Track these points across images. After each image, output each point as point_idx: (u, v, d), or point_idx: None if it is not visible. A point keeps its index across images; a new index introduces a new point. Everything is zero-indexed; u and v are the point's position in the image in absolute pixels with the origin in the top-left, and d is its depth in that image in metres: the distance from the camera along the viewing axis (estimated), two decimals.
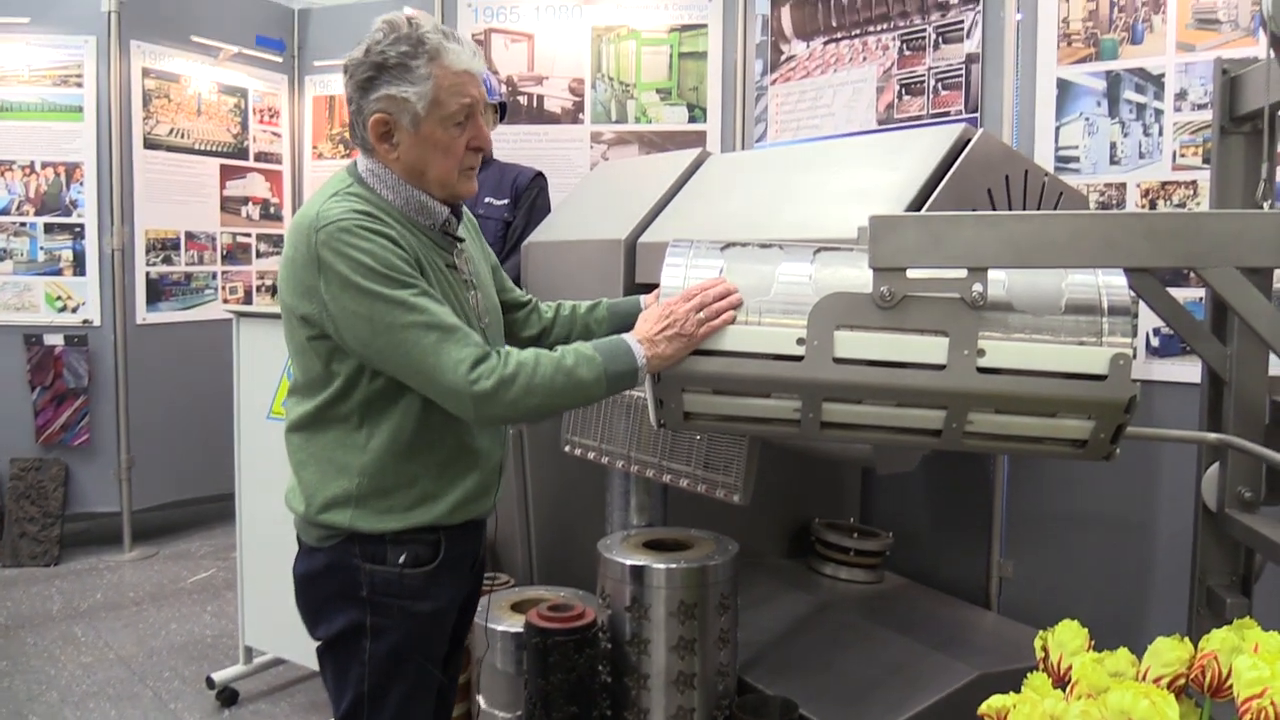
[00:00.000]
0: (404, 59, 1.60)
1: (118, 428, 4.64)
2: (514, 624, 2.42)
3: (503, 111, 3.79)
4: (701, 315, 1.61)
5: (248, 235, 5.19)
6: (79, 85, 4.58)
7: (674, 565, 2.24)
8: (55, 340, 4.55)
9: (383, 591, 1.63)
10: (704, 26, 4.16)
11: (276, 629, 2.96)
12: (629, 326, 1.72)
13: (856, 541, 2.90)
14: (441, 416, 1.62)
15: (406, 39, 1.60)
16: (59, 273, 4.60)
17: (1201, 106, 2.71)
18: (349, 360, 1.60)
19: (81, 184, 4.59)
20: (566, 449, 2.65)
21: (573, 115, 4.31)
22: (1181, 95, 2.77)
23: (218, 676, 3.13)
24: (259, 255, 5.23)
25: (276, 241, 5.29)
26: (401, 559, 1.64)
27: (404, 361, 1.54)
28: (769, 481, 2.33)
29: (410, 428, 1.63)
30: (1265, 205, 1.95)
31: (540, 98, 4.32)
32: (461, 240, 1.76)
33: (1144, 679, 1.40)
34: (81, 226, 4.60)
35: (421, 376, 1.54)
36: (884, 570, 2.93)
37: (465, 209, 1.83)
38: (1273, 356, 1.92)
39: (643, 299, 1.97)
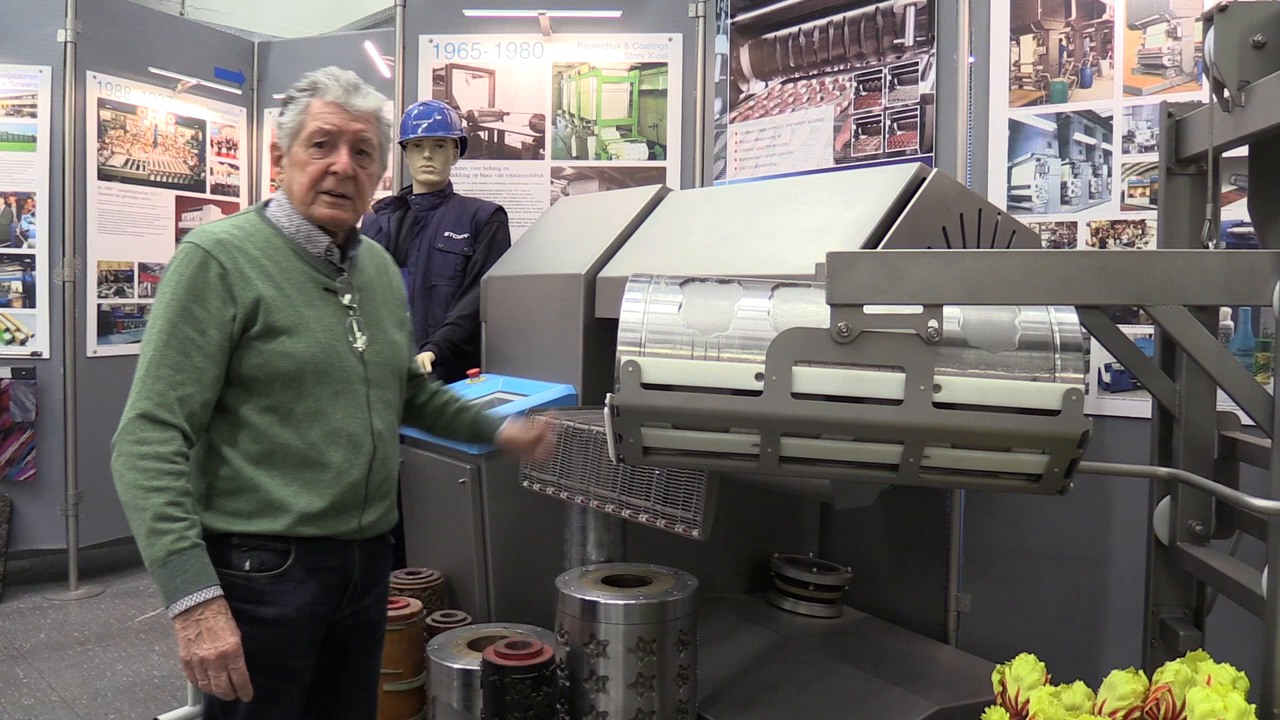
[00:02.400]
0: (294, 94, 1.81)
1: (65, 462, 4.53)
2: (470, 661, 2.39)
3: (463, 146, 3.80)
4: (221, 679, 1.62)
5: None
6: (33, 115, 4.51)
7: (633, 601, 2.22)
8: (3, 373, 4.46)
9: (229, 595, 1.65)
10: (664, 65, 4.21)
11: None
12: (484, 438, 2.07)
13: (815, 576, 2.90)
14: (287, 431, 1.72)
15: (308, 79, 1.81)
16: (8, 304, 4.51)
17: (1148, 148, 2.78)
18: None
19: (33, 215, 4.52)
20: (525, 484, 2.63)
21: (533, 150, 4.32)
22: (1129, 137, 2.84)
23: (164, 719, 3.05)
24: None
25: None
26: (247, 564, 1.70)
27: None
28: (728, 516, 2.33)
29: (255, 435, 1.72)
30: (1211, 245, 2.00)
31: (501, 133, 4.33)
32: (343, 270, 1.84)
33: (1100, 712, 1.41)
34: (32, 258, 4.52)
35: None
36: (843, 605, 2.94)
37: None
38: (1220, 392, 1.96)
39: (506, 424, 2.09)
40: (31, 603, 4.38)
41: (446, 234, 3.58)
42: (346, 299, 1.83)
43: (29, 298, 4.52)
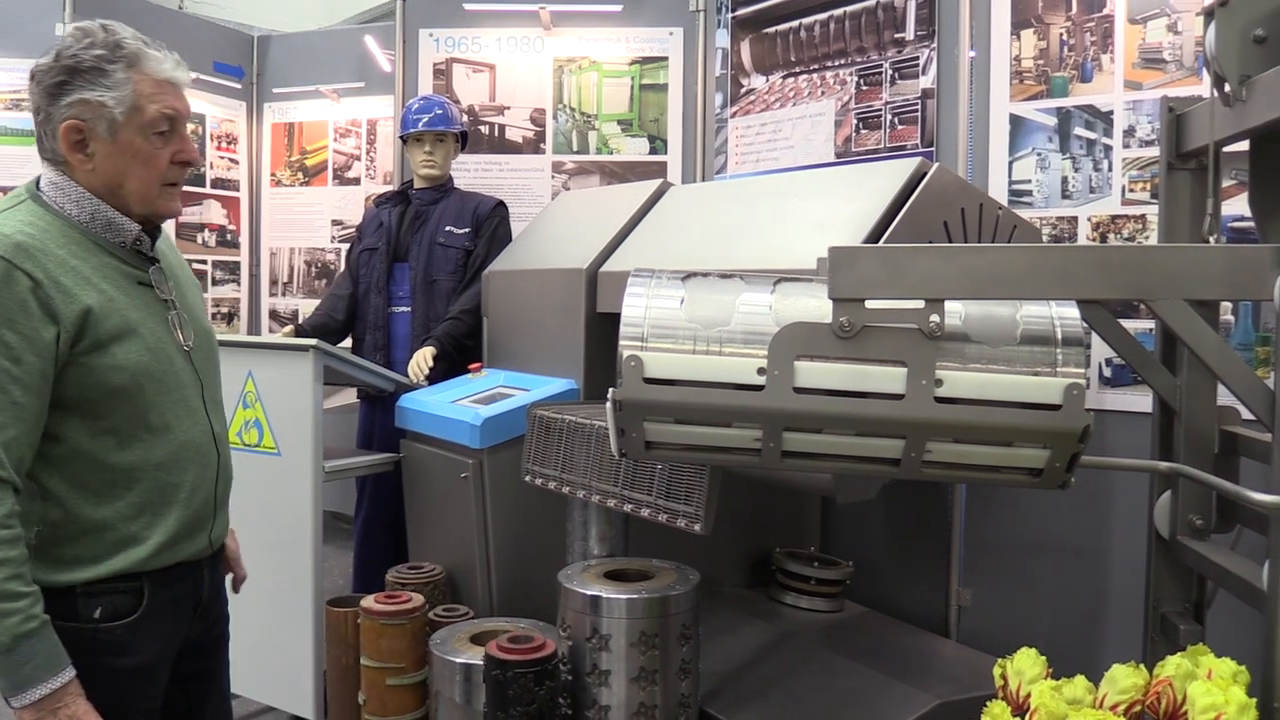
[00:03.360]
0: (99, 62, 1.50)
1: None
2: (473, 656, 2.40)
3: (464, 141, 3.79)
4: None
5: (204, 262, 5.13)
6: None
7: (635, 595, 2.23)
8: None
9: (76, 650, 1.44)
10: (665, 59, 4.20)
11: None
12: None
13: (817, 570, 2.91)
14: (131, 453, 1.51)
15: (102, 44, 1.51)
16: None
17: (1149, 143, 2.78)
18: None
19: None
20: (526, 479, 2.64)
21: (534, 145, 4.32)
22: (1130, 132, 2.83)
23: None
24: (215, 283, 5.17)
25: (233, 269, 5.23)
26: (97, 612, 1.49)
27: None
28: (730, 511, 2.34)
29: (93, 466, 1.49)
30: (1211, 239, 2.00)
31: (502, 127, 4.33)
32: (155, 261, 1.62)
33: (1101, 706, 1.41)
34: None
35: None
36: (844, 599, 2.94)
37: (164, 229, 1.71)
38: (1221, 386, 1.96)
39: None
40: None
41: (447, 229, 3.57)
42: (162, 292, 1.61)
43: None
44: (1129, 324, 2.53)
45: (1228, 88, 1.80)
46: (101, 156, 1.52)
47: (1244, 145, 1.98)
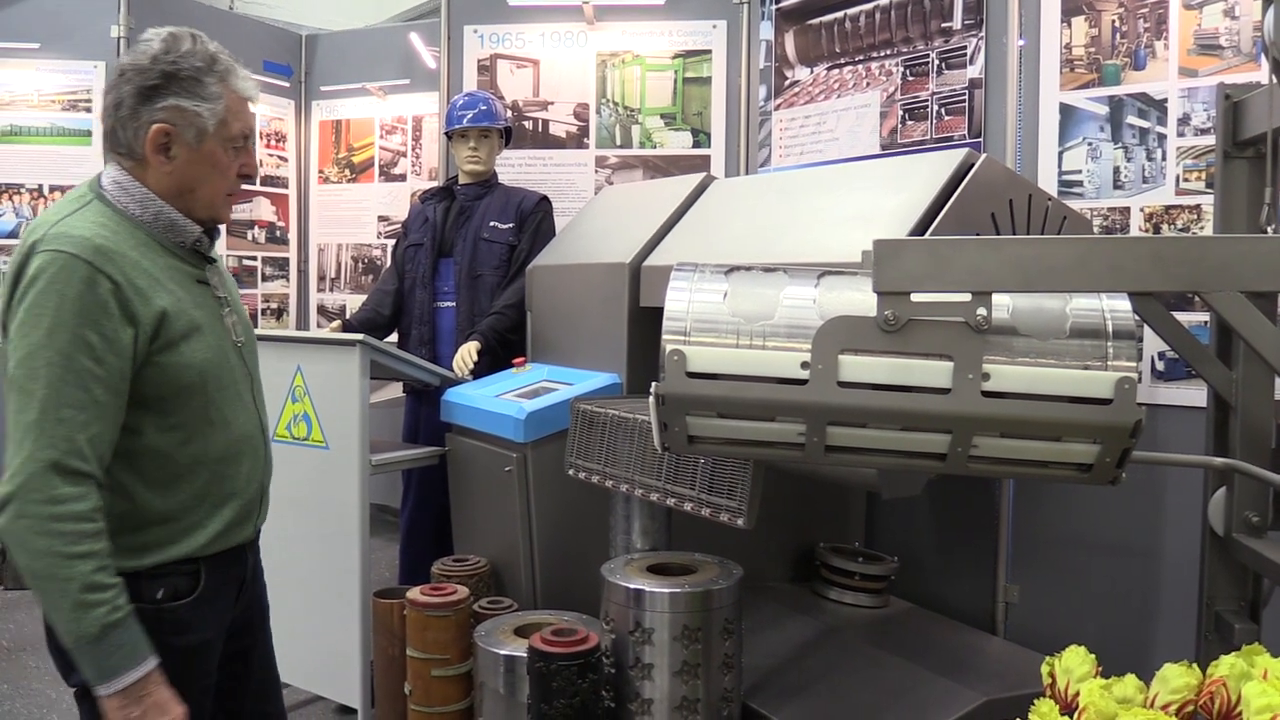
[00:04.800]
0: (198, 74, 1.56)
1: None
2: (517, 648, 2.41)
3: (508, 136, 3.81)
4: None
5: (254, 259, 5.21)
6: (88, 110, 4.62)
7: (678, 589, 2.23)
8: None
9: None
10: (708, 52, 4.19)
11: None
12: None
13: (861, 566, 2.89)
14: (194, 447, 1.57)
15: (200, 54, 1.57)
16: None
17: (1204, 131, 2.72)
18: None
19: None
20: (570, 472, 2.65)
21: (577, 140, 4.33)
22: (1184, 120, 2.78)
23: None
24: (264, 279, 5.25)
25: (282, 265, 5.31)
26: (159, 594, 1.55)
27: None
28: (773, 505, 2.33)
29: (159, 462, 1.55)
30: (1269, 229, 1.95)
31: (545, 123, 4.34)
32: (214, 260, 1.70)
33: (1152, 706, 1.39)
34: None
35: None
36: (889, 595, 2.92)
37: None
38: (1278, 380, 1.92)
39: None
40: None
41: (492, 224, 3.59)
42: (219, 291, 1.68)
43: None
44: (1183, 317, 2.48)
45: None
46: (182, 161, 1.58)
47: None
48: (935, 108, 3.38)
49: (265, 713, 1.86)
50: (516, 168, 4.24)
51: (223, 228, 1.81)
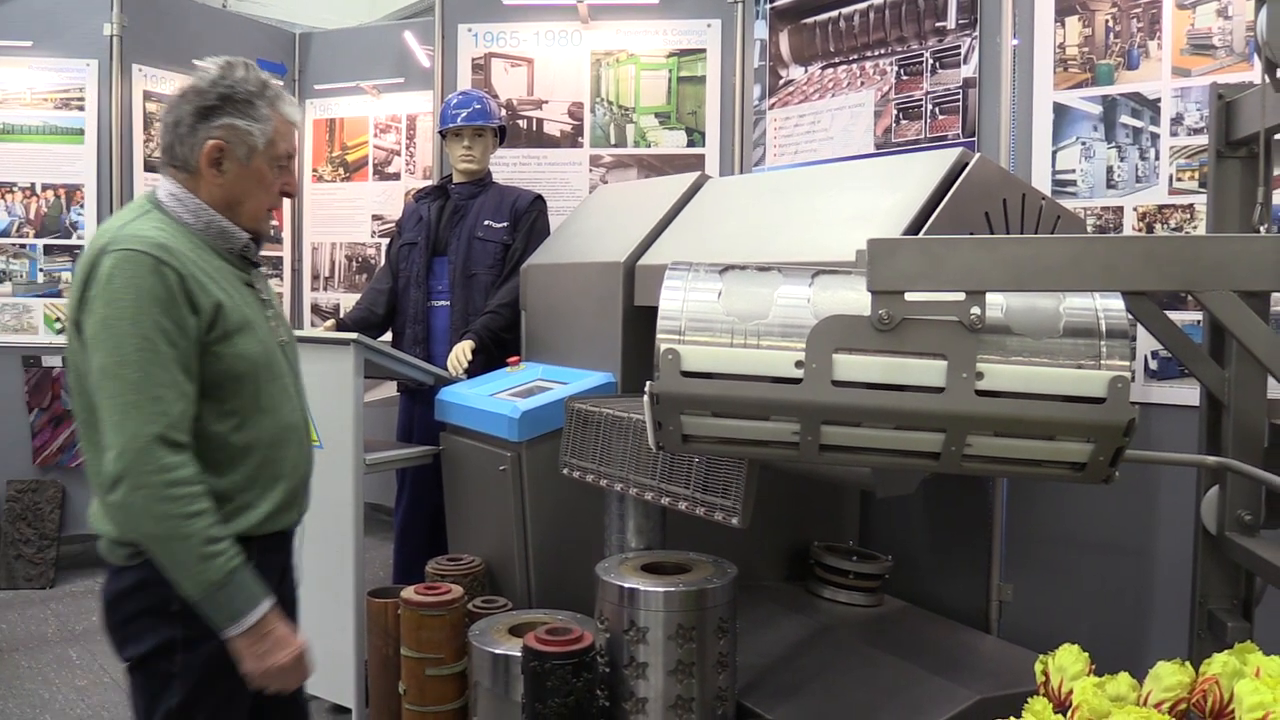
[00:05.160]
0: (251, 97, 1.74)
1: None
2: (511, 647, 2.41)
3: (502, 135, 3.81)
4: (297, 677, 1.71)
5: None
6: (80, 108, 4.60)
7: (672, 588, 2.23)
8: (54, 362, 4.55)
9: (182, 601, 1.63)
10: (703, 51, 4.19)
11: None
12: None
13: (855, 565, 2.89)
14: (246, 433, 1.70)
15: (253, 80, 1.75)
16: (59, 294, 4.61)
17: (1197, 131, 2.73)
18: None
19: (82, 206, 4.61)
20: (565, 471, 2.65)
21: (572, 139, 4.33)
22: (1177, 120, 2.78)
23: None
24: None
25: (276, 264, 5.30)
26: None
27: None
28: (767, 504, 2.33)
29: (215, 445, 1.67)
30: (1262, 229, 1.95)
31: (540, 121, 4.34)
32: (259, 265, 1.85)
33: (1145, 704, 1.39)
34: (81, 248, 4.61)
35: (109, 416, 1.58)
36: (883, 593, 2.92)
37: None
38: (1271, 379, 1.92)
39: None
40: (84, 586, 4.49)
41: (486, 222, 3.59)
42: (263, 293, 1.83)
43: None
44: (1176, 316, 2.49)
45: None
46: (232, 176, 1.74)
47: None
48: (929, 107, 3.39)
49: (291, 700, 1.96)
50: (511, 167, 4.24)
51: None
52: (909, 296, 1.55)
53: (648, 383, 1.70)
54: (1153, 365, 2.82)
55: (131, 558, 1.67)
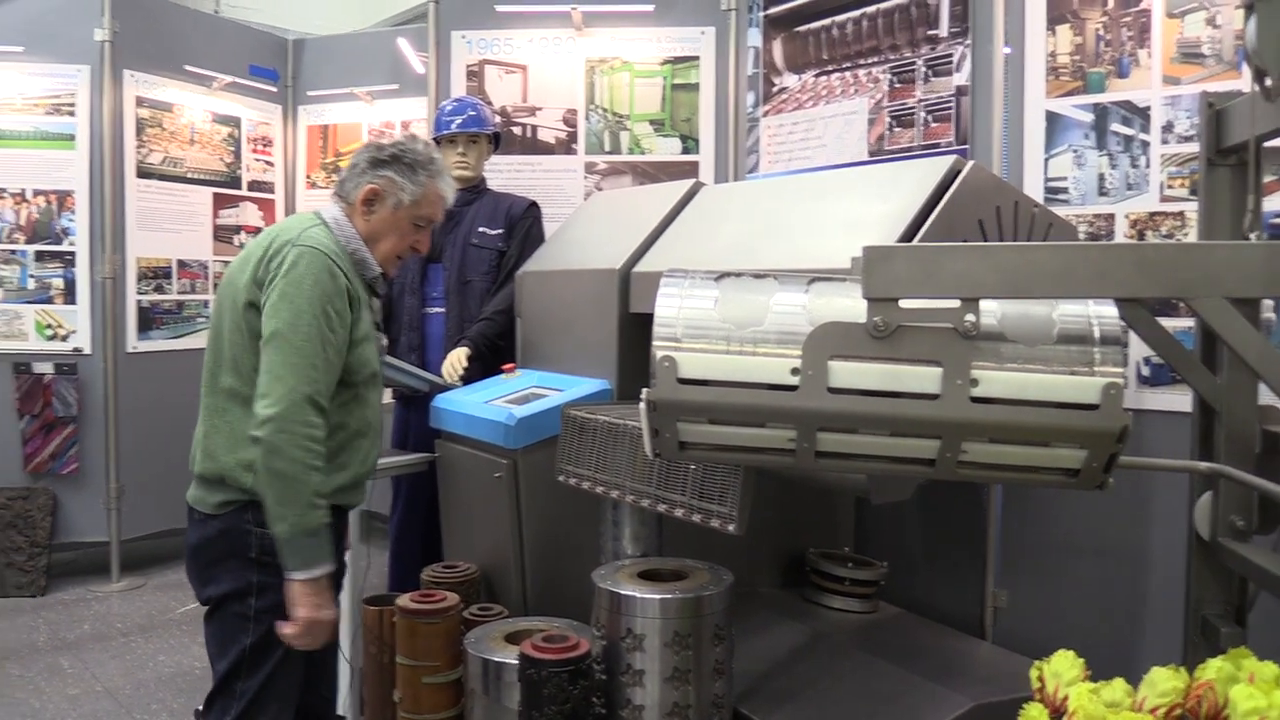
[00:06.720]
0: (416, 164, 2.13)
1: (107, 456, 4.62)
2: (507, 655, 2.41)
3: (497, 142, 3.81)
4: (324, 638, 1.98)
5: None
6: (71, 114, 4.59)
7: (668, 595, 2.23)
8: (45, 368, 4.54)
9: (270, 552, 1.92)
10: (696, 59, 4.20)
11: None
12: None
13: (851, 571, 2.90)
14: (341, 411, 2.02)
15: (423, 153, 2.16)
16: (49, 301, 4.59)
17: (1188, 139, 2.75)
18: None
19: (73, 212, 4.60)
20: (560, 478, 2.65)
21: (566, 146, 4.33)
22: (1168, 128, 2.80)
23: None
24: None
25: None
26: None
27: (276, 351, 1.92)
28: (764, 511, 2.33)
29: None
30: (1253, 236, 1.97)
31: (534, 128, 4.35)
32: (379, 295, 2.22)
33: (1140, 709, 1.40)
34: (73, 254, 4.60)
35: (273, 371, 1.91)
36: (878, 600, 2.92)
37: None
38: (1262, 385, 1.93)
39: None
40: (75, 594, 4.48)
41: (480, 229, 3.59)
42: (376, 317, 2.21)
43: (70, 294, 4.61)
44: (1168, 322, 2.50)
45: (1269, 81, 1.77)
46: (378, 218, 2.14)
47: None
48: (922, 115, 3.40)
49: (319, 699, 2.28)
50: (505, 173, 4.24)
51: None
52: (904, 303, 1.56)
53: (644, 390, 1.70)
54: (1145, 371, 2.83)
55: (220, 506, 1.98)
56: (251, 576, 1.96)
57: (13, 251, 4.57)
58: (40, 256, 4.59)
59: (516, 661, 2.28)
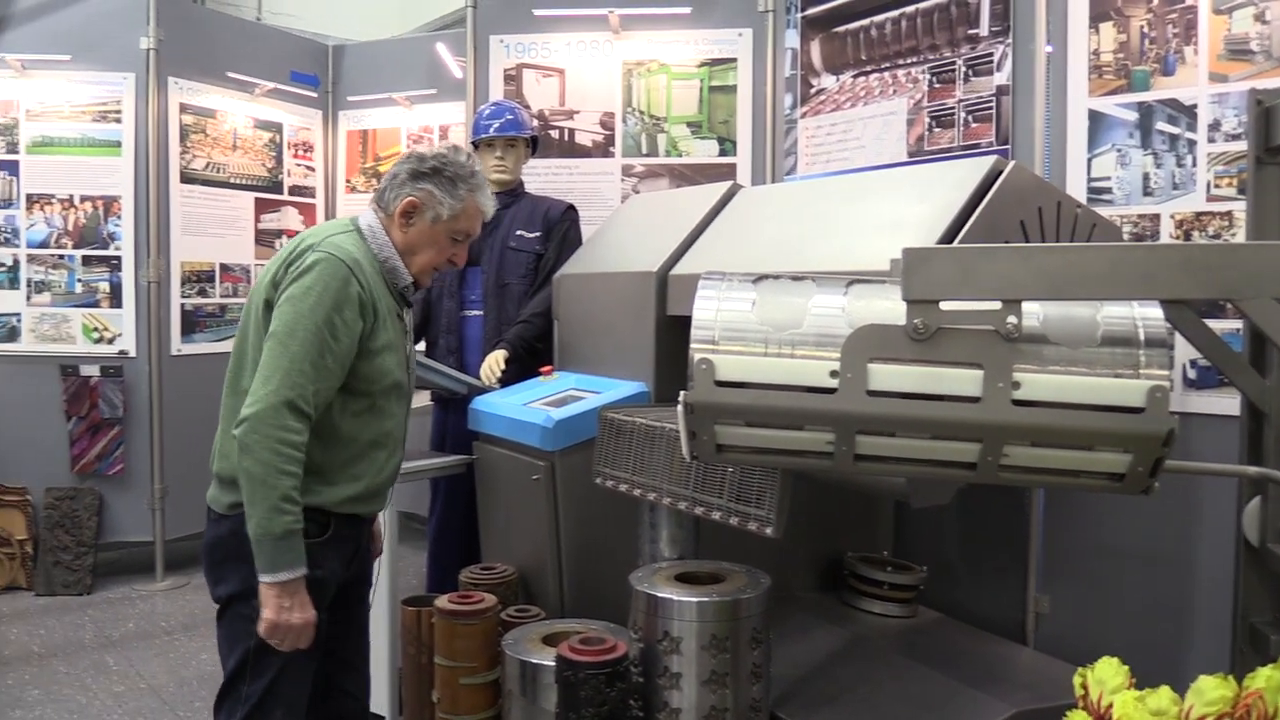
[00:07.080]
0: (457, 178, 2.11)
1: (152, 457, 4.69)
2: (545, 656, 2.41)
3: (534, 146, 3.83)
4: (298, 642, 1.93)
5: None
6: (118, 121, 4.67)
7: (706, 598, 2.22)
8: (91, 371, 4.62)
9: None
10: (734, 61, 4.19)
11: None
12: None
13: (890, 575, 2.87)
14: (354, 422, 2.02)
15: (465, 166, 2.13)
16: (96, 304, 4.67)
17: (1235, 137, 2.70)
18: None
19: (119, 217, 4.68)
20: (598, 481, 2.65)
21: (603, 149, 4.34)
22: (1215, 126, 2.75)
23: None
24: None
25: None
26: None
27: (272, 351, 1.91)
28: (801, 514, 2.32)
29: (329, 428, 1.99)
30: None
31: (571, 131, 4.36)
32: (411, 305, 2.21)
33: (1188, 718, 1.37)
34: (119, 259, 4.68)
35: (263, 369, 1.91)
36: (918, 604, 2.90)
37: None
38: None
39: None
40: (120, 593, 4.55)
41: (519, 233, 3.61)
42: (407, 327, 2.18)
43: (116, 298, 4.68)
44: (1215, 324, 2.45)
45: None
46: (415, 230, 2.12)
47: None
48: (962, 115, 3.37)
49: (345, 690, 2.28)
50: (543, 177, 4.26)
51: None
52: (944, 306, 1.54)
53: (682, 392, 1.70)
54: (1191, 374, 2.78)
55: (231, 508, 1.97)
56: (254, 579, 1.93)
57: (60, 256, 4.66)
58: (87, 261, 4.67)
59: (554, 663, 2.28)
